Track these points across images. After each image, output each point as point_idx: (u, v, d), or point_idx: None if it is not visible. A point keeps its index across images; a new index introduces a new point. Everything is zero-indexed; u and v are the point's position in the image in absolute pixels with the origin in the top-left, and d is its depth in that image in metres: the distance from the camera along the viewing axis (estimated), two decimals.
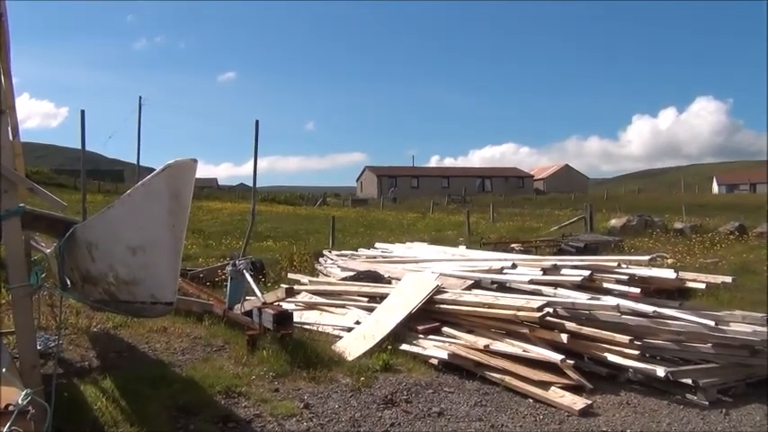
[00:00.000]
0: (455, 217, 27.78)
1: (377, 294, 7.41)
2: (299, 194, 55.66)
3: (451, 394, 5.21)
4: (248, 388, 5.07)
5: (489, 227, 23.08)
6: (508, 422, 4.68)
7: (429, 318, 6.51)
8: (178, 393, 4.78)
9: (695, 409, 4.95)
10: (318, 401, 4.92)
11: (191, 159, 3.29)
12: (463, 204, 42.29)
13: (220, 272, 8.76)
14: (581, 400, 4.98)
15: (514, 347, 5.69)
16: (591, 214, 20.36)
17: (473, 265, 7.68)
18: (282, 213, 28.99)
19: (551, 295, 6.25)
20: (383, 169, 79.41)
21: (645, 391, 5.29)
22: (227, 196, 43.23)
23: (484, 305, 6.18)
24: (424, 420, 4.67)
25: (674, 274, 6.50)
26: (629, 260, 7.08)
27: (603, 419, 4.75)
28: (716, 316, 5.76)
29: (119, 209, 3.73)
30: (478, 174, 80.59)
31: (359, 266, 9.42)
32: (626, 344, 5.35)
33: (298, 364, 5.59)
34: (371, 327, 6.47)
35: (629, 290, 6.22)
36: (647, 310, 5.68)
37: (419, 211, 35.42)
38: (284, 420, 4.52)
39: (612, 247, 15.28)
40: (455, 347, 5.88)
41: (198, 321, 7.08)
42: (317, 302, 7.90)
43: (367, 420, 4.62)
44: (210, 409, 4.60)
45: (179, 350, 6.18)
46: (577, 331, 5.64)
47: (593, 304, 5.84)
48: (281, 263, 11.85)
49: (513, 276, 6.88)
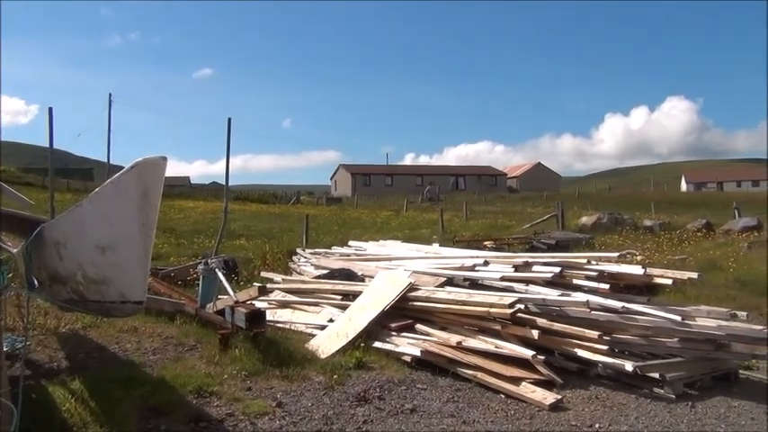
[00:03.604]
0: (429, 215, 27.87)
1: (350, 292, 7.41)
2: (272, 193, 55.32)
3: (424, 391, 5.24)
4: (220, 387, 5.04)
5: (463, 225, 23.19)
6: (480, 417, 4.73)
7: (402, 315, 6.54)
8: (149, 394, 4.73)
9: (662, 403, 5.05)
10: (291, 400, 4.91)
11: (160, 157, 3.27)
12: (437, 202, 42.44)
13: (192, 271, 8.68)
14: (551, 395, 5.05)
15: (487, 344, 5.74)
16: (562, 212, 20.60)
17: (446, 263, 7.71)
18: (256, 212, 28.80)
19: (523, 292, 6.32)
20: (357, 167, 79.37)
21: (614, 386, 5.38)
22: (200, 195, 42.76)
23: (457, 302, 6.23)
24: (396, 417, 4.69)
25: (641, 270, 6.61)
26: (598, 257, 7.19)
27: (573, 414, 4.82)
28: (682, 311, 5.89)
29: (87, 207, 3.68)
30: (452, 172, 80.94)
31: (332, 265, 9.41)
32: (595, 339, 5.44)
33: (270, 362, 5.57)
34: (345, 325, 6.48)
35: (598, 286, 6.30)
36: (615, 305, 5.78)
37: (393, 209, 35.46)
38: (256, 419, 4.50)
39: (583, 244, 15.50)
40: (428, 344, 5.92)
41: (169, 321, 7.01)
42: (291, 301, 7.87)
43: (340, 418, 4.63)
44: (182, 409, 4.56)
45: (150, 350, 6.12)
46: (548, 327, 5.71)
47: (564, 300, 5.92)
48: (254, 261, 11.78)
49: (486, 273, 6.94)
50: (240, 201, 38.17)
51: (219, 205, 21.61)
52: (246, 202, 38.70)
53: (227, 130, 9.96)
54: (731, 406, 5.04)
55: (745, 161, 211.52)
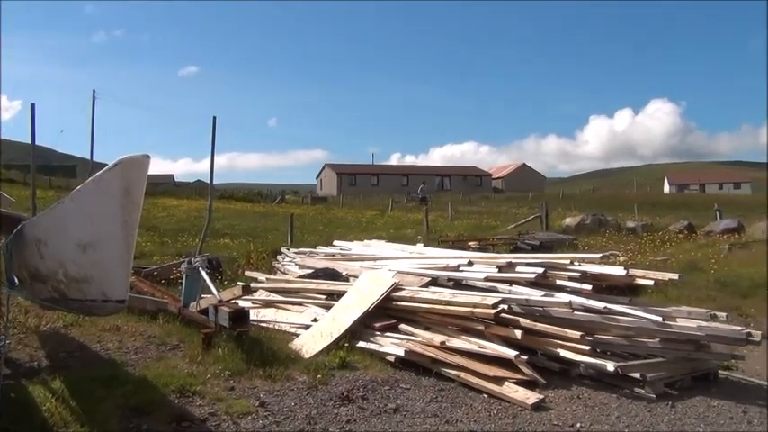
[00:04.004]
0: (414, 215, 27.91)
1: (335, 292, 7.41)
2: (257, 192, 55.15)
3: (407, 390, 5.26)
4: (203, 387, 5.01)
5: (447, 225, 23.24)
6: (463, 417, 4.75)
7: (386, 315, 6.55)
8: (131, 393, 4.69)
9: (643, 402, 5.10)
10: (274, 399, 4.90)
11: (143, 155, 3.26)
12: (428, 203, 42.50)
13: (175, 270, 8.63)
14: (534, 394, 5.09)
15: (470, 344, 5.77)
16: (546, 213, 20.73)
17: (430, 263, 7.73)
18: (240, 211, 28.66)
19: (506, 292, 6.35)
20: (343, 167, 79.37)
21: (595, 386, 5.43)
22: (184, 193, 42.58)
23: (440, 302, 6.25)
24: (379, 417, 4.70)
25: (623, 271, 6.67)
26: (581, 258, 7.23)
27: (555, 413, 4.86)
28: (663, 312, 5.94)
29: (69, 205, 3.66)
30: (438, 172, 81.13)
31: (317, 264, 9.40)
32: (578, 339, 5.48)
33: (254, 362, 5.55)
34: (329, 324, 6.47)
35: (581, 287, 6.34)
36: (598, 306, 5.83)
37: (378, 208, 35.47)
38: (239, 419, 4.49)
39: (567, 245, 15.59)
40: (412, 344, 5.93)
41: (152, 320, 6.96)
42: (275, 300, 7.85)
43: (323, 417, 4.63)
44: (164, 408, 4.53)
45: (132, 349, 6.07)
46: (531, 327, 5.74)
47: (547, 301, 5.96)
48: (238, 261, 11.73)
49: (470, 274, 6.96)
50: (225, 199, 37.98)
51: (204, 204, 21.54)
52: (231, 200, 38.52)
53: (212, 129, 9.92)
54: (710, 405, 5.11)
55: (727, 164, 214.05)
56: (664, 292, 9.08)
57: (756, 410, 5.03)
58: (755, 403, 5.19)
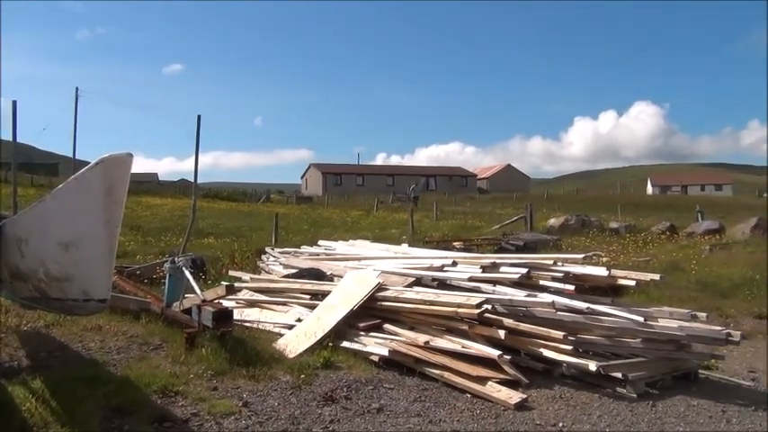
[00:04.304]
0: (399, 215, 27.94)
1: (319, 292, 7.40)
2: (242, 191, 54.91)
3: (391, 390, 5.26)
4: (186, 387, 4.98)
5: (432, 225, 23.29)
6: (446, 417, 4.77)
7: (371, 315, 6.55)
8: (112, 393, 4.65)
9: (624, 402, 5.15)
10: (258, 399, 4.88)
11: (126, 153, 3.24)
12: (407, 202, 42.55)
13: (159, 269, 8.58)
14: (517, 394, 5.11)
15: (454, 344, 5.78)
16: (531, 213, 20.84)
17: (415, 263, 7.74)
18: (225, 210, 28.56)
19: (490, 292, 6.37)
20: (328, 167, 79.29)
21: (578, 385, 5.47)
22: (168, 192, 42.26)
23: (425, 302, 6.26)
24: (363, 417, 4.70)
25: (606, 271, 6.72)
26: (564, 258, 7.27)
27: (537, 413, 4.89)
28: (645, 312, 6.00)
29: (50, 203, 3.63)
30: (423, 172, 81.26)
31: (302, 264, 9.38)
32: (560, 339, 5.51)
33: (237, 362, 5.53)
34: (313, 324, 6.47)
35: (564, 287, 6.38)
36: (580, 306, 5.87)
37: (363, 208, 35.46)
38: (222, 419, 4.47)
39: (551, 245, 15.70)
40: (396, 344, 5.94)
41: (134, 320, 6.91)
42: (259, 300, 7.82)
43: (306, 417, 4.62)
44: (146, 408, 4.50)
45: (114, 349, 6.02)
46: (515, 327, 5.77)
47: (530, 301, 5.99)
48: (222, 260, 11.67)
49: (454, 274, 6.98)
50: (209, 198, 37.80)
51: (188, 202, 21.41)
52: (216, 199, 38.36)
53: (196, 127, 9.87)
54: (690, 405, 5.16)
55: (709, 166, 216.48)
56: (646, 293, 9.16)
57: (735, 410, 5.09)
58: (734, 402, 5.25)
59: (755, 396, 5.55)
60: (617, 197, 56.31)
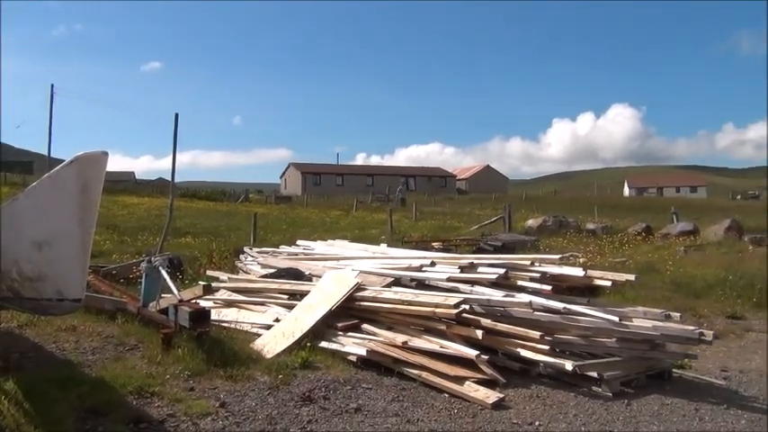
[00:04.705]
0: (378, 215, 27.94)
1: (297, 292, 7.38)
2: (220, 190, 54.53)
3: (369, 390, 5.27)
4: (162, 387, 4.94)
5: (411, 225, 23.34)
6: (424, 417, 4.78)
7: (349, 315, 6.54)
8: (87, 394, 4.59)
9: (600, 401, 5.21)
10: (235, 400, 4.86)
11: (101, 151, 3.20)
12: (386, 203, 42.59)
13: (135, 269, 8.49)
14: (494, 393, 5.15)
15: (432, 344, 5.81)
16: (509, 214, 20.98)
17: (393, 263, 7.75)
18: (203, 209, 28.31)
19: (468, 292, 6.40)
20: (308, 166, 79.13)
21: (554, 385, 5.52)
22: (145, 191, 41.87)
23: (403, 302, 6.27)
24: (341, 417, 4.70)
25: (582, 272, 6.79)
26: (542, 259, 7.33)
27: (514, 412, 4.93)
28: (620, 312, 6.07)
29: (23, 202, 3.59)
30: (403, 173, 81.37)
31: (280, 264, 9.34)
32: (537, 339, 5.56)
33: (214, 362, 5.49)
34: (291, 324, 6.45)
35: (541, 287, 6.43)
36: (557, 306, 5.93)
37: (342, 208, 35.41)
38: (199, 420, 4.44)
39: (529, 246, 15.81)
40: (374, 344, 5.95)
41: (110, 320, 6.83)
42: (237, 300, 7.78)
43: (284, 418, 4.61)
44: (121, 409, 4.45)
45: (89, 349, 5.95)
46: (492, 327, 5.80)
47: (508, 301, 6.03)
48: (199, 260, 11.58)
49: (432, 274, 7.00)
50: (187, 198, 37.45)
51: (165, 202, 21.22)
52: (194, 199, 38.01)
53: (174, 126, 9.81)
54: (664, 404, 5.24)
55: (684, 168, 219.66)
56: (621, 293, 9.27)
57: (708, 408, 5.18)
58: (707, 401, 5.34)
59: (728, 394, 5.65)
60: (594, 198, 56.90)
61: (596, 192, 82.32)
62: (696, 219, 24.27)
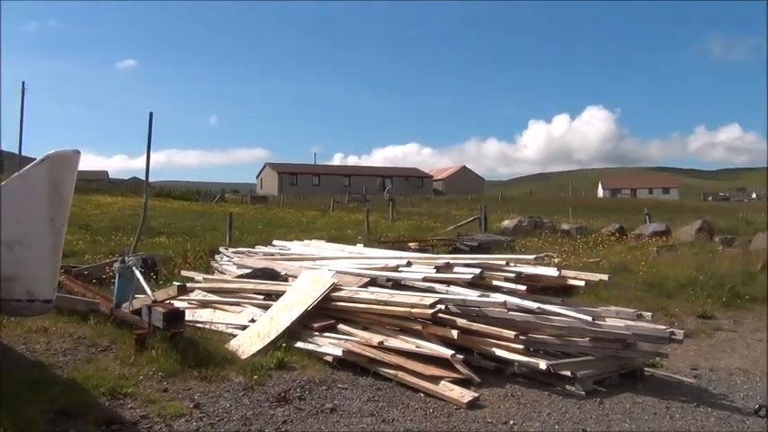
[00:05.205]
0: (355, 215, 27.92)
1: (273, 292, 7.34)
2: (196, 190, 54.05)
3: (345, 390, 5.27)
4: (135, 389, 4.89)
5: (388, 226, 23.37)
6: (399, 416, 4.80)
7: (325, 315, 6.53)
8: (58, 396, 4.53)
9: (573, 399, 5.27)
10: (209, 401, 4.83)
11: (72, 150, 3.16)
12: (363, 203, 42.57)
13: (108, 269, 8.37)
14: (469, 393, 5.18)
15: (408, 344, 5.82)
16: (485, 215, 21.11)
17: (370, 263, 7.75)
18: (178, 209, 28.01)
19: (444, 292, 6.42)
20: (284, 166, 78.81)
21: (528, 384, 5.57)
22: (119, 190, 41.30)
23: (379, 302, 6.28)
24: (316, 417, 4.70)
25: (556, 272, 6.86)
26: (517, 259, 7.38)
27: (489, 411, 4.96)
28: (593, 312, 6.14)
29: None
30: (380, 173, 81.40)
31: (256, 264, 9.29)
32: (512, 339, 5.60)
33: (189, 363, 5.45)
34: (266, 325, 6.42)
35: (516, 287, 6.48)
36: (531, 306, 5.98)
37: (319, 209, 35.32)
38: (172, 421, 4.40)
39: (505, 246, 15.93)
40: (350, 344, 5.94)
41: (82, 321, 6.74)
42: (212, 300, 7.72)
43: (259, 418, 4.59)
44: (93, 411, 4.40)
45: (60, 351, 5.86)
46: (468, 327, 5.83)
47: (483, 301, 6.07)
48: (174, 260, 11.47)
49: (408, 274, 7.02)
50: (162, 197, 37.04)
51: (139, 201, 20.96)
52: (168, 198, 37.60)
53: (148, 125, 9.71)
54: (636, 402, 5.31)
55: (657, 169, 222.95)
56: (595, 293, 9.38)
57: (678, 405, 5.27)
58: (678, 399, 5.43)
59: (698, 392, 5.75)
60: (569, 199, 57.51)
61: (571, 193, 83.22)
62: (668, 220, 24.66)
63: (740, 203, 68.20)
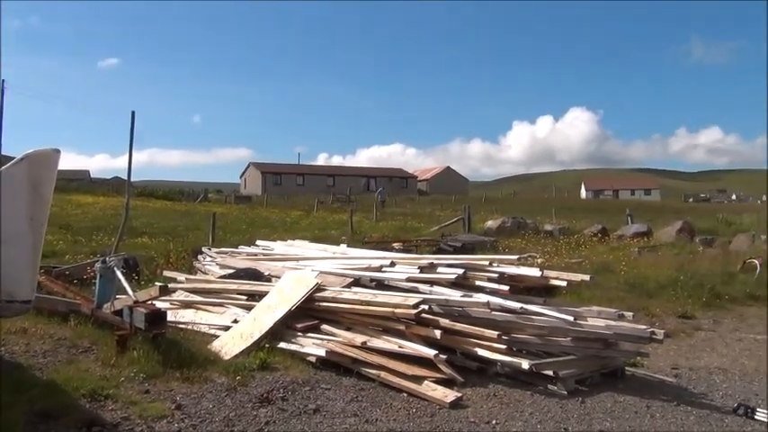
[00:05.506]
0: (339, 216, 27.89)
1: (256, 292, 7.32)
2: (179, 190, 53.65)
3: (328, 391, 5.26)
4: (116, 390, 4.85)
5: (372, 226, 23.36)
6: (382, 416, 4.80)
7: (308, 316, 6.52)
8: (38, 398, 4.49)
9: (555, 399, 5.30)
10: (191, 402, 4.80)
11: (52, 149, 3.13)
12: (348, 203, 42.52)
13: (89, 269, 8.30)
14: (452, 393, 5.20)
15: (391, 344, 5.83)
16: (469, 215, 21.20)
17: (353, 264, 7.75)
18: (160, 209, 27.80)
19: (427, 292, 6.44)
20: (268, 166, 78.45)
21: (511, 383, 5.60)
22: (101, 190, 40.88)
23: (362, 302, 6.28)
24: (299, 418, 4.69)
25: (538, 272, 6.90)
26: (500, 259, 7.42)
27: (472, 411, 4.98)
28: (575, 312, 6.19)
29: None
30: (364, 173, 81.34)
31: (239, 264, 9.25)
32: (495, 339, 5.63)
33: (171, 364, 5.42)
34: (249, 325, 6.39)
35: (499, 287, 6.52)
36: (514, 306, 6.01)
37: (303, 209, 35.21)
38: (154, 422, 4.37)
39: (488, 246, 16.00)
40: (333, 345, 5.94)
41: (63, 322, 6.67)
42: (194, 301, 7.68)
43: (241, 419, 4.57)
44: (74, 413, 4.36)
45: (40, 352, 5.80)
46: (451, 327, 5.85)
47: (466, 301, 6.09)
48: (156, 260, 11.40)
49: (392, 274, 7.03)
50: (144, 197, 36.75)
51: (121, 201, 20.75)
52: (151, 198, 37.31)
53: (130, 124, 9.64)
54: (617, 401, 5.36)
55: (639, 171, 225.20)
56: (577, 293, 9.45)
57: (658, 404, 5.32)
58: (658, 398, 5.48)
59: (678, 392, 5.81)
60: (552, 200, 57.85)
61: (554, 194, 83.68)
62: (650, 220, 24.91)
63: (720, 205, 69.05)
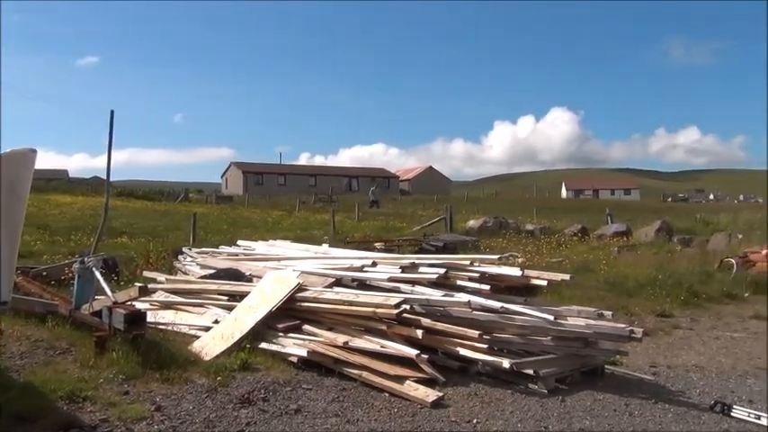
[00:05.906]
0: (321, 215, 27.82)
1: (237, 293, 7.28)
2: (159, 189, 53.19)
3: (309, 391, 5.25)
4: (95, 392, 4.81)
5: (354, 226, 23.34)
6: (363, 416, 4.80)
7: (290, 316, 6.50)
8: (14, 400, 4.43)
9: (535, 397, 5.33)
10: (171, 403, 4.77)
11: (29, 149, 3.10)
12: (329, 203, 42.44)
13: (67, 270, 8.20)
14: (433, 392, 5.21)
15: (373, 344, 5.83)
16: (451, 215, 21.26)
17: (335, 263, 7.74)
18: (140, 209, 27.53)
19: (409, 292, 6.44)
20: (250, 166, 78.06)
21: (492, 383, 5.62)
22: (79, 189, 40.41)
23: (344, 302, 6.27)
24: (280, 418, 4.67)
25: (519, 272, 6.93)
26: (481, 259, 7.45)
27: (453, 410, 5.00)
28: (555, 311, 6.23)
29: None
30: (346, 173, 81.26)
31: (220, 264, 9.20)
32: (476, 338, 5.65)
33: (150, 365, 5.38)
34: (230, 326, 6.36)
35: (480, 287, 6.53)
36: (495, 306, 6.03)
37: (285, 209, 35.07)
38: (133, 424, 4.34)
39: (470, 246, 16.05)
40: (314, 345, 5.93)
41: (40, 323, 6.59)
42: (174, 302, 7.62)
43: (222, 420, 4.55)
44: (51, 415, 4.31)
45: (17, 354, 5.72)
46: (432, 327, 5.87)
47: (447, 301, 6.11)
48: (136, 260, 11.30)
49: (373, 274, 7.03)
50: (124, 197, 36.36)
51: (100, 201, 20.52)
52: (131, 198, 36.93)
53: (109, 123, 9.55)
54: (597, 399, 5.41)
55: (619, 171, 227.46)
56: (558, 292, 9.52)
57: (637, 402, 5.37)
58: (637, 396, 5.54)
59: (656, 389, 5.87)
60: (533, 200, 58.24)
61: (535, 193, 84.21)
62: (629, 220, 25.16)
63: (698, 204, 69.87)
